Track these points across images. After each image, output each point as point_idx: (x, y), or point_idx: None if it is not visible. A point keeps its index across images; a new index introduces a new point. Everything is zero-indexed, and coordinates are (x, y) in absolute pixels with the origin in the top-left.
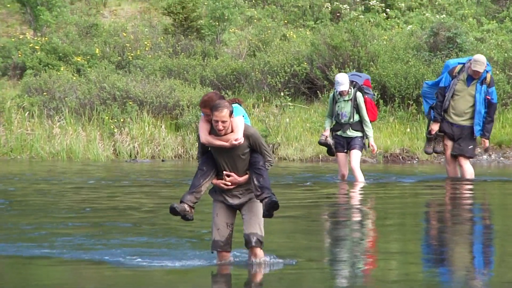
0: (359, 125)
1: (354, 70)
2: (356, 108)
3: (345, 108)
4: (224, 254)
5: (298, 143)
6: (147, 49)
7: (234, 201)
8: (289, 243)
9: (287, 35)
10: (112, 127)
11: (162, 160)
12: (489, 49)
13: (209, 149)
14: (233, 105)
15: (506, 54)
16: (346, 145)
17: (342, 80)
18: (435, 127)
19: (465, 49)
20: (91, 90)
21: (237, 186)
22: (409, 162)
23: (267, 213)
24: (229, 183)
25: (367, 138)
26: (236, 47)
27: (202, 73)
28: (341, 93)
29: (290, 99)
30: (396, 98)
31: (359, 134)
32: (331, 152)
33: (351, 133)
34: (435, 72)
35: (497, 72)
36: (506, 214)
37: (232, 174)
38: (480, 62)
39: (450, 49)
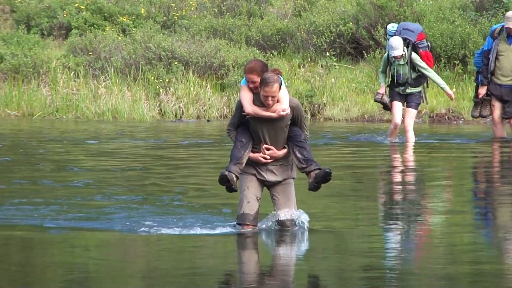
0: (417, 81)
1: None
2: (413, 68)
3: (401, 70)
4: (252, 229)
5: (344, 103)
6: (192, 9)
7: (269, 177)
8: (335, 204)
9: None
10: (157, 87)
11: (208, 120)
12: None
13: (247, 120)
14: None
15: None
16: (404, 98)
17: (396, 45)
18: (482, 91)
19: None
20: (137, 50)
21: (274, 161)
22: (455, 122)
23: (316, 185)
24: (268, 157)
25: (441, 89)
26: (281, 7)
27: (248, 33)
28: (396, 57)
29: (336, 59)
30: (442, 58)
31: (417, 89)
32: (387, 108)
33: (409, 90)
34: (481, 32)
35: None
36: None
37: (272, 147)
38: (511, 18)
39: (496, 9)
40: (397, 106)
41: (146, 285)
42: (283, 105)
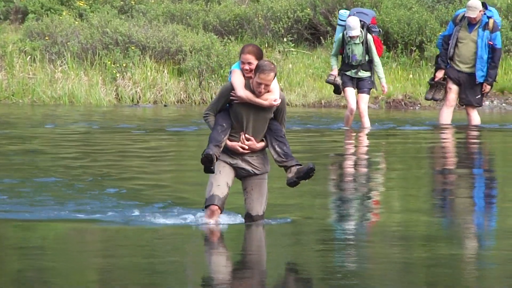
0: (369, 65)
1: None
2: (367, 50)
3: (356, 50)
4: (217, 211)
5: (301, 88)
6: None
7: (245, 166)
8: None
9: None
10: (114, 71)
11: (165, 105)
12: None
13: (229, 106)
14: None
15: (509, 1)
16: (354, 84)
17: (354, 25)
18: (439, 74)
19: None
20: (94, 35)
21: (250, 152)
22: (411, 108)
23: (296, 180)
24: (246, 147)
25: (378, 78)
26: None
27: (205, 19)
28: (352, 37)
29: (293, 45)
30: (399, 44)
31: (368, 74)
32: (338, 91)
33: (361, 73)
34: (438, 18)
35: (500, 19)
36: (507, 160)
37: (252, 138)
38: (472, 8)
39: None
40: (350, 91)
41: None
42: (274, 95)
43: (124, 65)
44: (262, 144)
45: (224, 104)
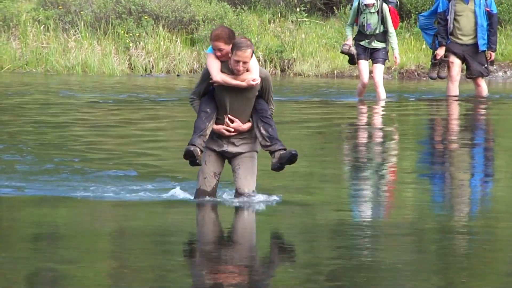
0: (383, 36)
1: None
2: (382, 19)
3: (371, 20)
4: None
5: (314, 59)
6: None
7: (230, 148)
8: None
9: None
10: (127, 41)
11: (177, 75)
12: None
13: (212, 89)
14: None
15: None
16: (369, 55)
17: None
18: (440, 52)
19: None
20: (107, 4)
21: (237, 134)
22: (424, 78)
23: (280, 166)
24: (232, 130)
25: (392, 49)
26: None
27: None
28: (367, 5)
29: (306, 14)
30: (412, 14)
31: (383, 45)
32: (353, 61)
33: (375, 44)
34: None
35: None
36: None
37: (237, 120)
38: None
39: None
40: (364, 64)
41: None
42: (253, 74)
43: (137, 34)
44: (249, 124)
45: (207, 88)
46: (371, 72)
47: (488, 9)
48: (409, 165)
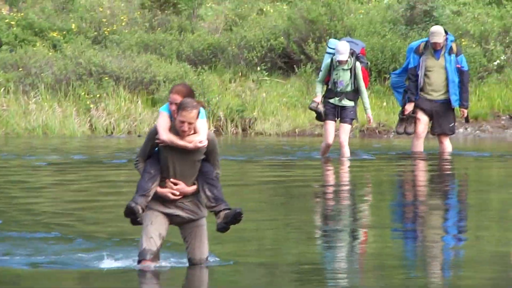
0: (353, 95)
1: (348, 36)
2: (354, 77)
3: (344, 77)
4: (148, 266)
5: (275, 117)
6: (123, 24)
7: (178, 212)
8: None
9: (264, 9)
10: (88, 102)
11: (139, 136)
12: (466, 22)
13: (157, 151)
14: None
15: (482, 27)
16: (337, 113)
17: (343, 50)
18: (409, 107)
19: (441, 22)
20: (67, 65)
21: (183, 197)
22: (385, 136)
23: (225, 226)
24: (177, 193)
25: (364, 109)
26: (212, 22)
27: (179, 48)
28: (341, 62)
29: (267, 73)
30: (372, 72)
31: (352, 104)
32: (320, 118)
33: (345, 102)
34: None
35: (473, 46)
36: (480, 188)
37: (180, 182)
38: (437, 33)
39: (426, 23)
40: (330, 125)
41: None
42: (200, 136)
43: (98, 95)
44: (194, 187)
45: (152, 149)
46: (337, 131)
47: (459, 66)
48: (375, 221)
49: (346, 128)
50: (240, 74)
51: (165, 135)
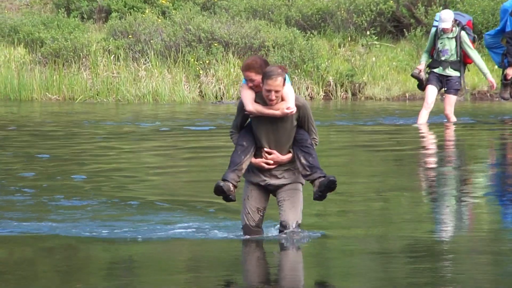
0: (458, 64)
1: (441, 8)
2: (460, 47)
3: (448, 45)
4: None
5: (385, 82)
6: None
7: (272, 181)
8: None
9: None
10: (197, 69)
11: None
12: None
13: (249, 121)
14: None
15: None
16: (443, 83)
17: (446, 17)
18: (510, 72)
19: None
20: (176, 32)
21: (278, 166)
22: (497, 99)
23: (320, 194)
24: (271, 162)
25: (483, 75)
26: None
27: (288, 13)
28: (444, 30)
29: (376, 38)
30: (483, 35)
31: (457, 74)
32: (421, 87)
33: (449, 71)
34: None
35: None
36: None
37: (274, 151)
38: None
39: None
40: (432, 89)
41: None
42: (288, 103)
43: (207, 62)
44: (289, 155)
45: (244, 121)
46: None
47: None
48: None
49: (451, 99)
50: (349, 38)
51: (251, 105)
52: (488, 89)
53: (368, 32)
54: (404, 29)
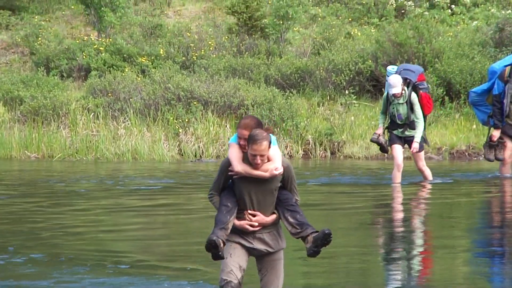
0: (415, 124)
1: (410, 62)
2: (411, 108)
3: (401, 110)
4: None
5: (363, 141)
6: (211, 49)
7: (257, 245)
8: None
9: (352, 32)
10: (177, 127)
11: (197, 160)
12: None
13: (232, 183)
14: None
15: None
16: (403, 142)
17: (395, 83)
18: (496, 134)
19: None
20: (156, 90)
21: (262, 228)
22: (475, 158)
23: (315, 250)
24: (256, 224)
25: (414, 137)
26: (300, 46)
27: (267, 72)
28: (395, 95)
29: (355, 97)
30: (461, 95)
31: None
32: (384, 149)
33: (408, 132)
34: None
35: None
36: None
37: (258, 213)
38: None
39: None
40: (397, 148)
41: None
42: (275, 163)
43: (186, 120)
44: (273, 216)
45: (226, 181)
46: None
47: None
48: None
49: (419, 155)
50: (328, 97)
51: (239, 166)
52: (466, 148)
53: (347, 91)
54: (383, 88)
